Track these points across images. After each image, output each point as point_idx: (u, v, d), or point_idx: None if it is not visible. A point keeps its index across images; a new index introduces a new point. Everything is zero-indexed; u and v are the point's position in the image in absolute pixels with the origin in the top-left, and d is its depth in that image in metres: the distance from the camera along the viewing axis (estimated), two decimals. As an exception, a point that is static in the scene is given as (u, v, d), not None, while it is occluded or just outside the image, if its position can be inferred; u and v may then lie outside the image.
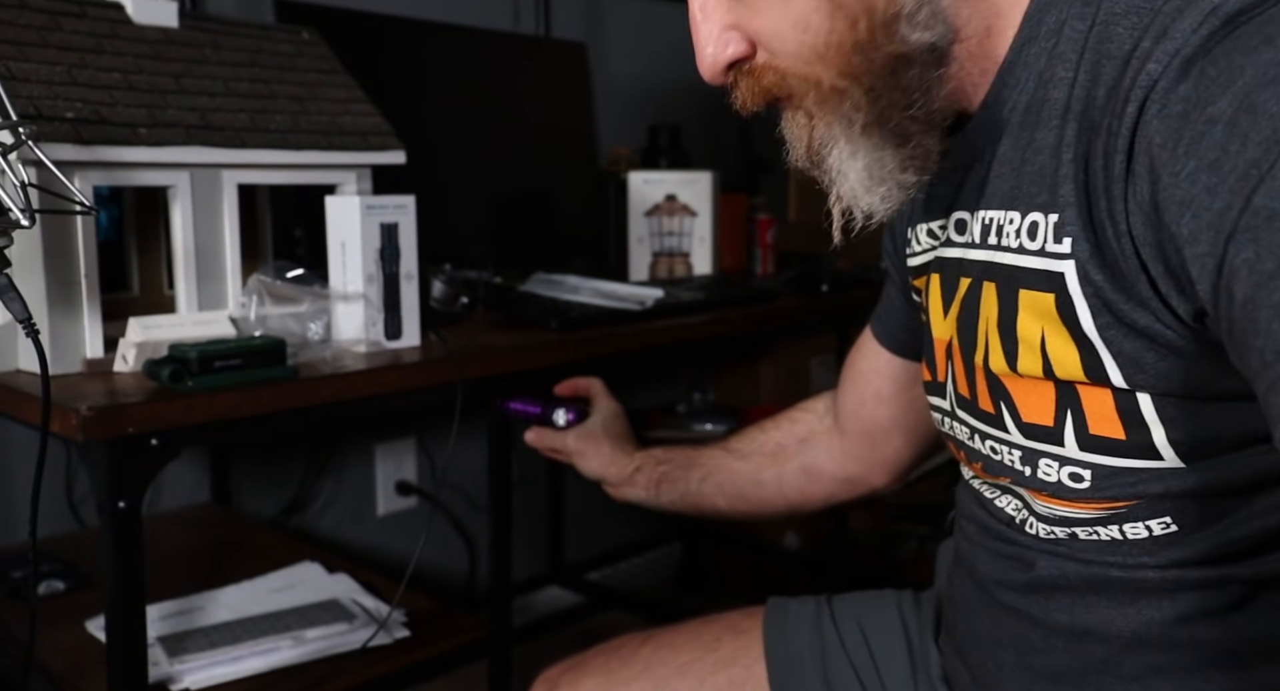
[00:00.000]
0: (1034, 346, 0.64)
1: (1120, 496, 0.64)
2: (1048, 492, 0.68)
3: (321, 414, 1.11)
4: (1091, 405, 0.63)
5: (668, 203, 1.82)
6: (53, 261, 1.01)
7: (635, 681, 0.94)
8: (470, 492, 2.07)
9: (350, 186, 1.26)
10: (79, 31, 1.12)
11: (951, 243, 0.74)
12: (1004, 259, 0.66)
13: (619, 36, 2.40)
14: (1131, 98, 0.55)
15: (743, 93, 0.70)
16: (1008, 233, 0.66)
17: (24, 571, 1.33)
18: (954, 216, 0.74)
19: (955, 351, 0.74)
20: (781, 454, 1.09)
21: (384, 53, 1.72)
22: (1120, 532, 0.66)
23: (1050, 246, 0.62)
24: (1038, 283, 0.63)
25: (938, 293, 0.77)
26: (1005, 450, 0.70)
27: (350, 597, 1.32)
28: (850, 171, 0.66)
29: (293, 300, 1.16)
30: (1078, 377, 0.62)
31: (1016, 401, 0.67)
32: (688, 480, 1.12)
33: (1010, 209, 0.66)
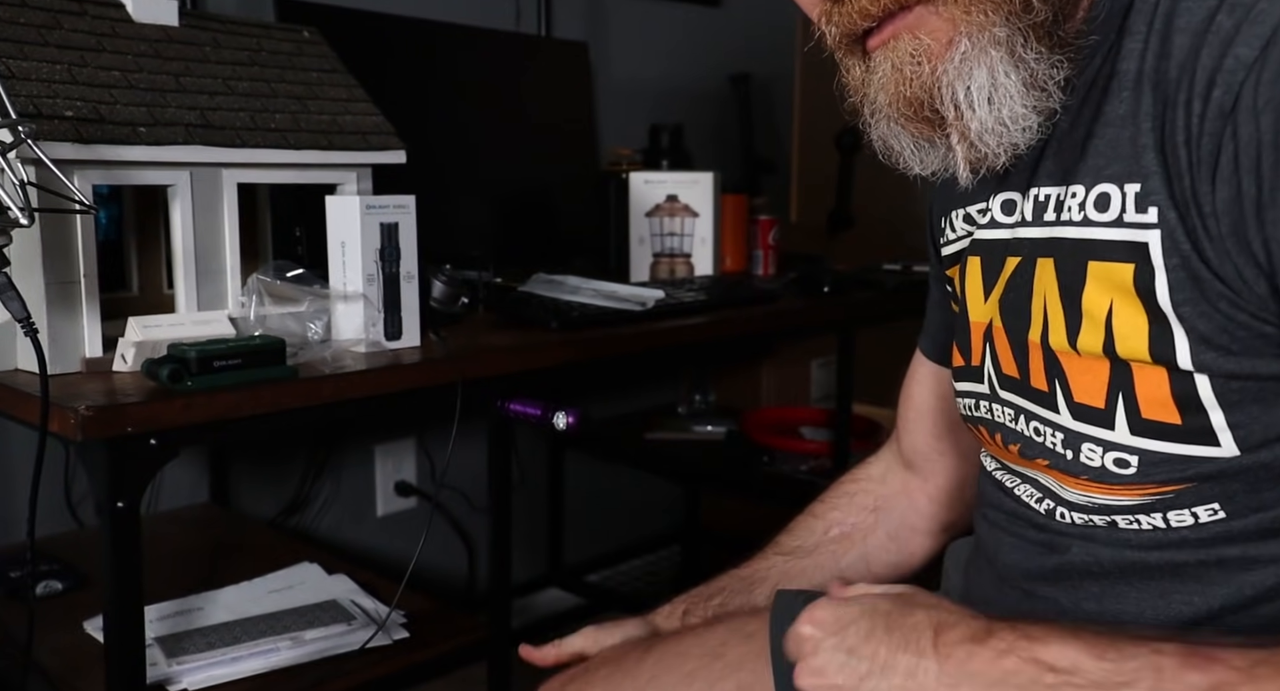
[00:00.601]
0: (1098, 321, 0.63)
1: (1168, 481, 0.63)
2: (1089, 477, 0.66)
3: (321, 414, 1.10)
4: (1145, 388, 0.62)
5: (669, 203, 1.82)
6: (52, 260, 1.01)
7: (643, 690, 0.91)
8: (470, 493, 2.06)
9: (350, 186, 1.25)
10: (79, 30, 1.12)
11: (996, 224, 0.73)
12: (1068, 233, 0.65)
13: (621, 36, 2.39)
14: (1218, 81, 0.55)
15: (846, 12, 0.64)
16: (1069, 206, 0.65)
17: (22, 571, 1.33)
18: (999, 198, 0.73)
19: (998, 332, 0.72)
20: (855, 534, 0.98)
21: (385, 52, 1.72)
22: (1164, 520, 0.64)
23: (1131, 216, 0.61)
24: (1113, 253, 0.61)
25: (977, 276, 0.76)
26: (1049, 432, 0.68)
27: (349, 598, 1.32)
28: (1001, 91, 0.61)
29: (292, 300, 1.15)
30: (1139, 355, 0.61)
31: (1070, 380, 0.66)
32: (753, 601, 0.97)
33: (1073, 183, 0.65)
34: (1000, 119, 0.62)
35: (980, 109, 0.62)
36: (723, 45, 2.63)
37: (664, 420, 2.28)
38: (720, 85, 2.54)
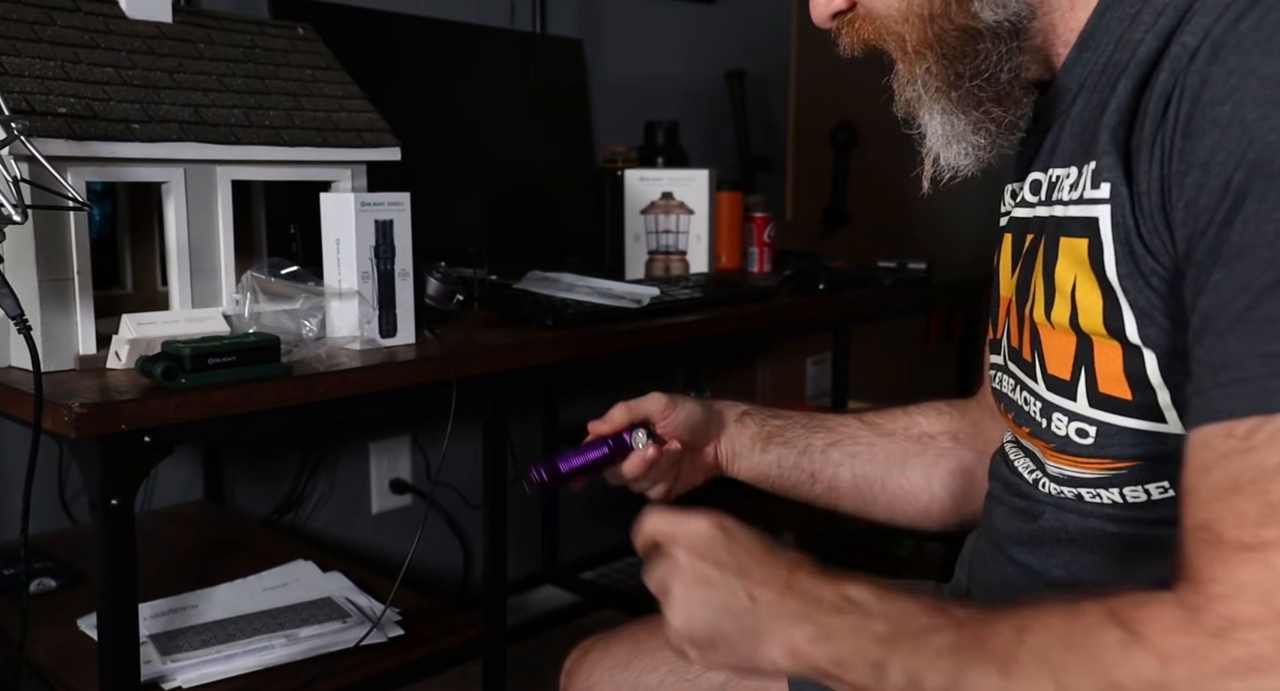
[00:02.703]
0: (1066, 294, 0.68)
1: (1122, 456, 0.68)
2: (1055, 446, 0.72)
3: (316, 411, 1.10)
4: (1103, 363, 0.67)
5: (664, 200, 1.82)
6: (45, 257, 1.00)
7: (660, 650, 0.96)
8: (465, 491, 2.06)
9: (345, 183, 1.25)
10: (72, 26, 1.12)
11: (1026, 202, 0.79)
12: (1057, 211, 0.71)
13: (615, 34, 2.39)
14: (1164, 66, 0.60)
15: (846, 39, 0.77)
16: (1063, 186, 0.71)
17: (15, 569, 1.33)
18: (1030, 177, 0.78)
19: (1013, 307, 0.78)
20: (932, 446, 0.99)
21: (379, 49, 1.71)
22: (1121, 496, 0.69)
23: (1088, 193, 0.66)
24: (1076, 229, 0.67)
25: (1008, 252, 0.82)
26: (1032, 401, 0.74)
27: (344, 596, 1.32)
28: (929, 127, 0.73)
29: (287, 297, 1.15)
30: (1097, 329, 0.66)
31: (1046, 352, 0.72)
32: (809, 441, 0.99)
33: (1070, 165, 0.71)
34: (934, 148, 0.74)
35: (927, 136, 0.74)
36: (718, 42, 2.63)
37: (659, 417, 2.27)
38: (715, 82, 2.54)
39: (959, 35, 0.69)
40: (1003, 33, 0.70)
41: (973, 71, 0.71)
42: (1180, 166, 0.58)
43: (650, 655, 0.98)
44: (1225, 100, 0.55)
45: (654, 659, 0.97)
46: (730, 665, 0.68)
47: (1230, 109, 0.55)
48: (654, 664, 0.97)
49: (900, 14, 0.71)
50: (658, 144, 2.17)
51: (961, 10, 0.69)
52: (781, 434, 0.99)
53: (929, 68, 0.71)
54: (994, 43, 0.70)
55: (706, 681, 0.95)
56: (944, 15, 0.69)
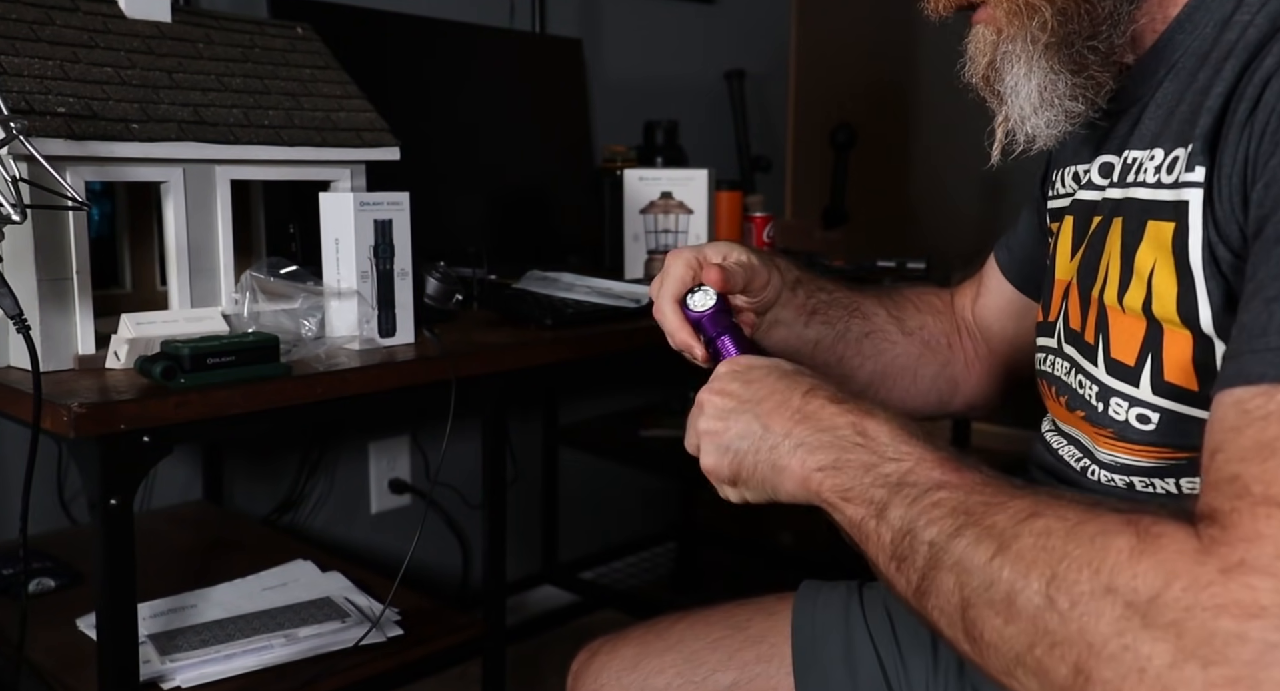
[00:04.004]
0: (1143, 278, 0.68)
1: (1183, 446, 0.68)
2: (1114, 432, 0.72)
3: (315, 411, 1.10)
4: (1172, 351, 0.67)
5: (663, 200, 1.82)
6: (44, 257, 1.00)
7: (668, 652, 0.98)
8: (464, 491, 2.06)
9: (344, 183, 1.25)
10: (71, 26, 1.11)
11: (1093, 185, 0.79)
12: (1139, 194, 0.71)
13: (615, 33, 2.39)
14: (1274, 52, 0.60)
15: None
16: (1146, 168, 0.70)
17: (14, 568, 1.33)
18: (1099, 161, 0.78)
19: (1073, 290, 0.79)
20: (938, 349, 1.03)
21: (378, 48, 1.71)
22: (1176, 486, 0.69)
23: (1183, 176, 0.66)
24: (1165, 212, 0.67)
25: (1069, 235, 0.82)
26: (1089, 384, 0.75)
27: (343, 596, 1.32)
28: (1023, 89, 0.71)
29: (286, 297, 1.15)
30: (1170, 316, 0.66)
31: (1112, 336, 0.72)
32: (848, 326, 0.99)
33: (1155, 147, 0.70)
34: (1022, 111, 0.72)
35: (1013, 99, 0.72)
36: (717, 42, 2.63)
37: (658, 417, 2.28)
38: (714, 82, 2.54)
39: None
40: None
41: (1089, 32, 0.69)
42: (1269, 147, 0.58)
43: (658, 657, 0.99)
44: None
45: (661, 661, 0.98)
46: (765, 499, 0.71)
47: None
48: (661, 666, 0.98)
49: None
50: (657, 144, 2.17)
51: None
52: (825, 311, 0.98)
53: (1044, 22, 0.69)
54: (1115, 3, 0.69)
55: (714, 682, 0.95)
56: None
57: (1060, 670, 0.51)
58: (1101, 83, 0.72)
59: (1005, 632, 0.53)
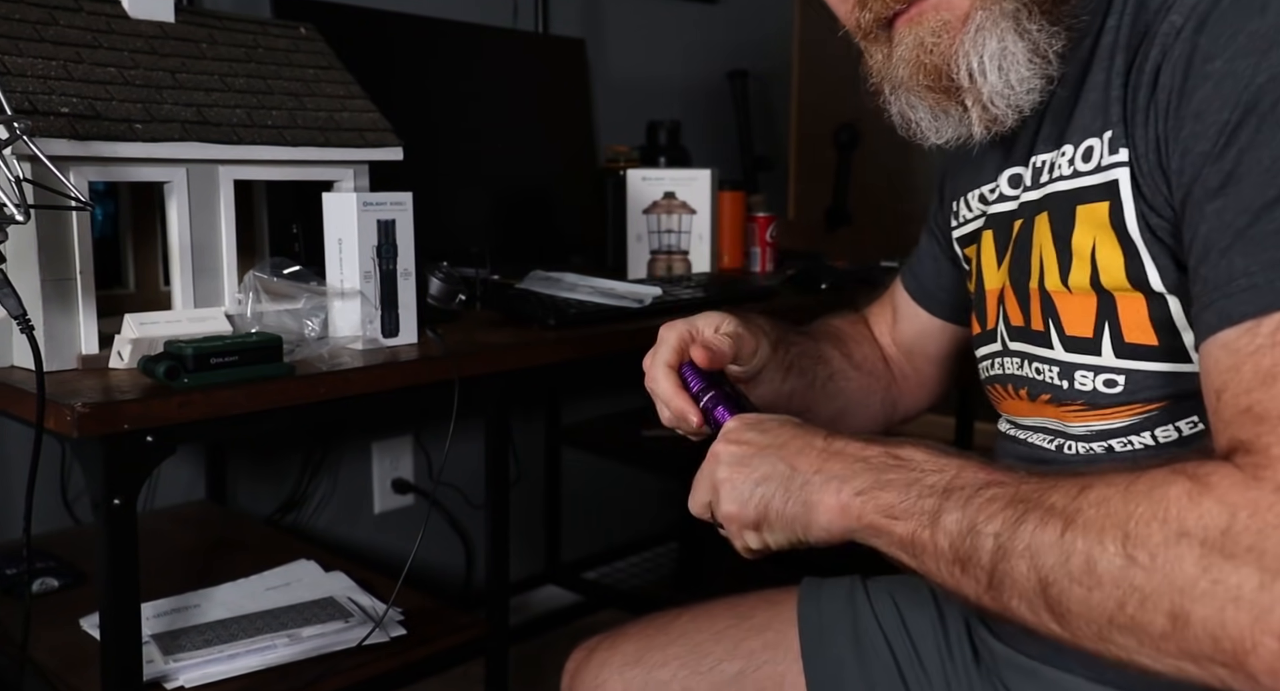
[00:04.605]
0: (1085, 257, 0.73)
1: (1152, 399, 0.72)
2: (1083, 401, 0.76)
3: (318, 411, 1.10)
4: (1128, 315, 0.71)
5: (666, 200, 1.82)
6: (47, 257, 1.01)
7: (671, 646, 0.99)
8: (467, 491, 2.06)
9: (347, 183, 1.25)
10: (74, 26, 1.12)
11: (1004, 197, 0.84)
12: (1060, 187, 0.75)
13: (618, 33, 2.39)
14: (1156, 42, 0.66)
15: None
16: (1059, 165, 0.75)
17: (18, 568, 1.33)
18: (1007, 173, 0.83)
19: (1007, 292, 0.83)
20: (879, 375, 1.07)
21: (382, 48, 1.71)
22: (1153, 437, 0.73)
23: (1106, 159, 0.71)
24: (1095, 195, 0.72)
25: (991, 248, 0.86)
26: (1047, 368, 0.78)
27: (346, 596, 1.32)
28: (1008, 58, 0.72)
29: (289, 297, 1.15)
30: (1120, 284, 0.71)
31: (1062, 316, 0.76)
32: (815, 373, 1.01)
33: (1064, 144, 0.75)
34: (1009, 82, 0.72)
35: (991, 74, 0.72)
36: (720, 42, 2.63)
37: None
38: (718, 82, 2.53)
39: None
40: None
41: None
42: (1175, 123, 0.63)
43: (661, 650, 0.99)
44: (1217, 57, 0.61)
45: (665, 654, 0.99)
46: (791, 541, 0.72)
47: (1222, 63, 0.60)
48: (665, 658, 0.98)
49: None
50: (660, 144, 2.17)
51: None
52: (799, 363, 0.99)
53: None
54: None
55: (720, 673, 0.96)
56: None
57: (1157, 620, 0.53)
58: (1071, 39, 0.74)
59: (1091, 600, 0.55)
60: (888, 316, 1.11)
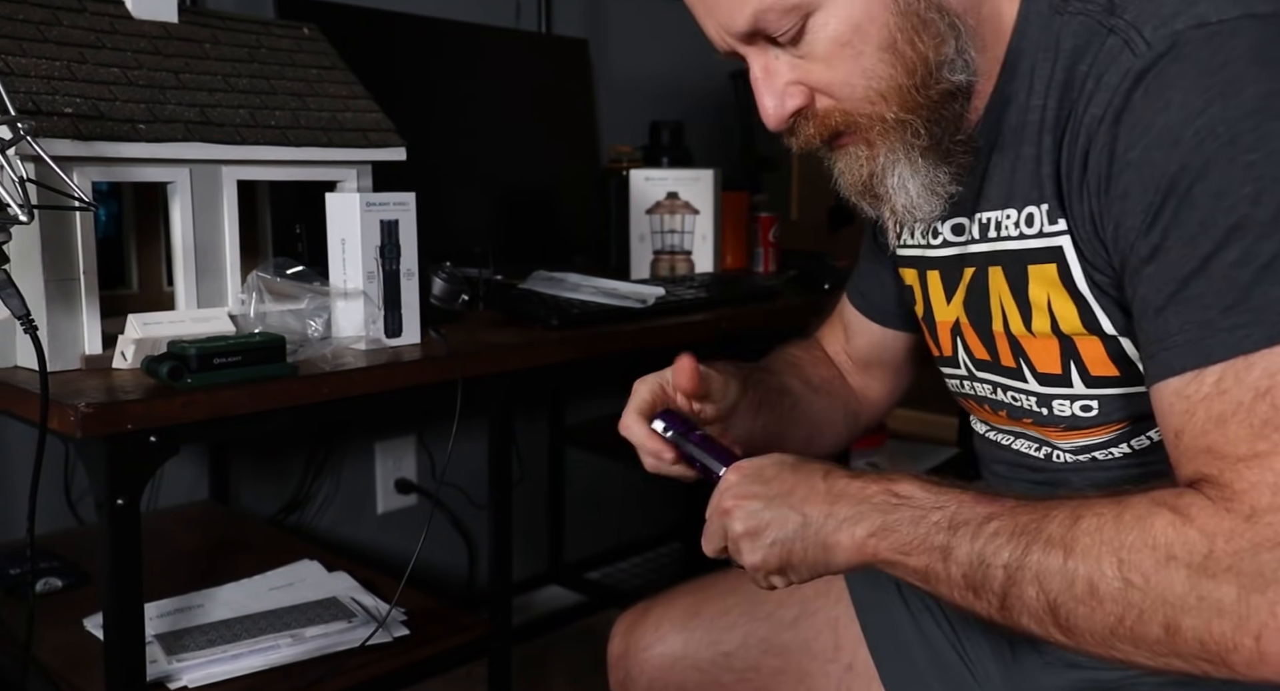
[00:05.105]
0: (1043, 308, 0.82)
1: (1123, 418, 0.82)
2: (1064, 426, 0.85)
3: (321, 411, 1.10)
4: (1089, 353, 0.81)
5: (669, 200, 1.82)
6: (51, 257, 1.01)
7: (728, 597, 1.06)
8: (470, 491, 2.06)
9: (350, 183, 1.25)
10: (78, 26, 1.12)
11: (948, 243, 0.92)
12: (1008, 246, 0.84)
13: (621, 33, 2.39)
14: (1081, 132, 0.75)
15: (805, 134, 0.84)
16: (1006, 226, 0.84)
17: (21, 568, 1.33)
18: (949, 223, 0.90)
19: (965, 327, 0.91)
20: (838, 393, 1.12)
21: (385, 49, 1.71)
22: (1129, 447, 0.83)
23: (1048, 228, 0.80)
24: (1043, 257, 0.81)
25: (939, 285, 0.94)
26: (1024, 397, 0.87)
27: (349, 596, 1.32)
28: (912, 188, 0.82)
29: (292, 297, 1.15)
30: (1077, 330, 0.80)
31: (1031, 357, 0.85)
32: (781, 403, 1.05)
33: (1006, 207, 0.84)
34: (910, 204, 0.82)
35: (899, 195, 0.82)
36: (723, 42, 2.63)
37: (664, 417, 2.27)
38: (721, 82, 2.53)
39: (938, 98, 0.79)
40: (963, 92, 0.80)
41: (952, 129, 0.81)
42: (1106, 202, 0.73)
43: (719, 600, 1.06)
44: (1134, 147, 0.70)
45: (723, 604, 1.05)
46: (815, 576, 0.79)
47: (1140, 153, 0.70)
48: (724, 608, 1.05)
49: (878, 94, 0.78)
50: (663, 144, 2.17)
51: (936, 79, 0.78)
52: (766, 397, 1.03)
53: (916, 131, 0.79)
54: (960, 101, 0.80)
55: (778, 618, 1.03)
56: (924, 85, 0.78)
57: (1152, 631, 0.63)
58: (965, 164, 0.83)
59: (1095, 617, 0.65)
60: (839, 336, 1.16)
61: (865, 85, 0.79)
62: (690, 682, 1.05)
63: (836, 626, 1.03)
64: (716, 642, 1.04)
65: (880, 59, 0.78)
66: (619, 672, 1.09)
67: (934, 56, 0.78)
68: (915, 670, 1.00)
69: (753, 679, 1.03)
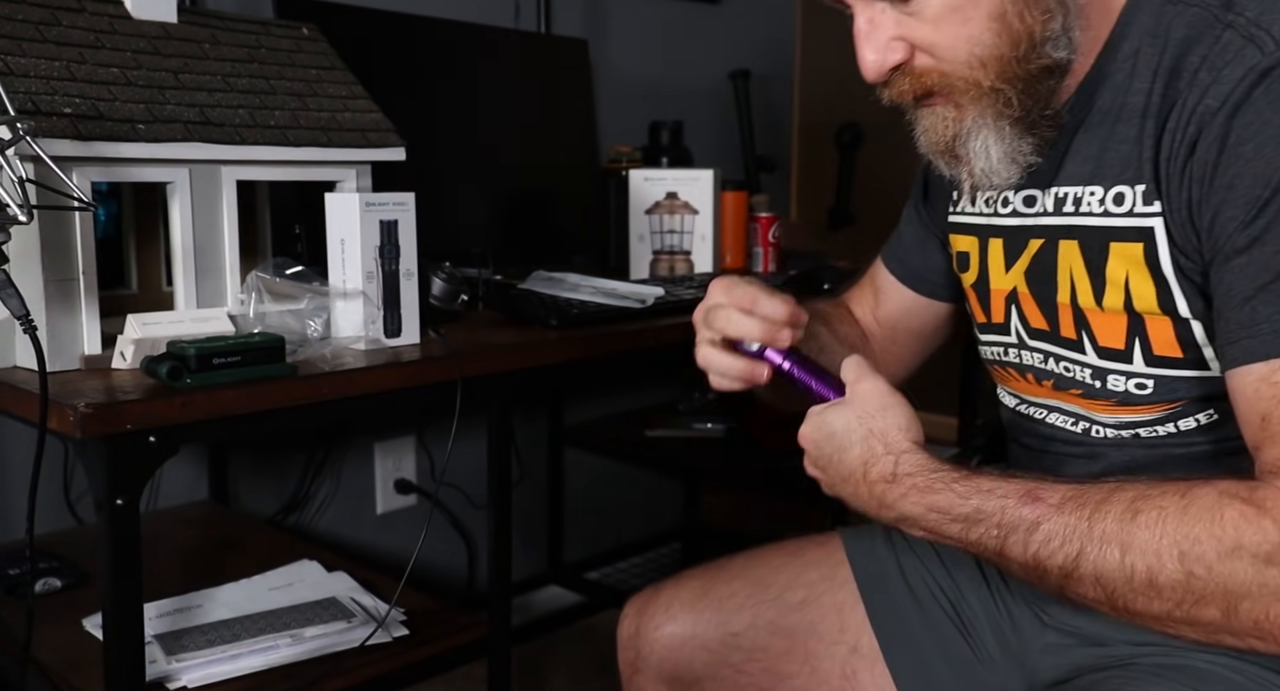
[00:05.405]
0: (1119, 284, 0.84)
1: (1177, 398, 0.84)
2: (1115, 400, 0.87)
3: (320, 412, 1.10)
4: (1156, 333, 0.83)
5: (669, 200, 1.82)
6: (50, 258, 1.01)
7: (735, 580, 1.09)
8: (470, 491, 2.06)
9: (350, 183, 1.25)
10: (77, 26, 1.12)
11: (1018, 213, 0.93)
12: (1089, 221, 0.86)
13: (620, 34, 2.39)
14: (1193, 121, 0.77)
15: (899, 89, 0.86)
16: (1089, 202, 0.86)
17: (21, 569, 1.33)
18: (1021, 194, 0.92)
19: (1023, 296, 0.93)
20: (859, 349, 1.13)
21: (384, 49, 1.71)
22: (1175, 427, 0.86)
23: (1140, 208, 0.82)
24: (1129, 236, 0.83)
25: (999, 253, 0.95)
26: (1078, 369, 0.89)
27: (349, 596, 1.32)
28: (994, 154, 0.84)
29: (292, 297, 1.15)
30: (1151, 309, 0.82)
31: (1095, 331, 0.87)
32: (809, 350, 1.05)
33: (1091, 184, 0.85)
34: (990, 169, 0.85)
35: (979, 159, 0.85)
36: (722, 42, 2.63)
37: (664, 417, 2.28)
38: (720, 82, 2.53)
39: (1036, 73, 0.81)
40: (1060, 69, 0.82)
41: (1043, 104, 0.83)
42: (1208, 190, 0.75)
43: (727, 584, 1.09)
44: (1248, 141, 0.73)
45: (730, 587, 1.08)
46: None
47: (1253, 148, 0.72)
48: (731, 591, 1.08)
49: (979, 60, 0.81)
50: (662, 144, 2.17)
51: (1039, 53, 0.81)
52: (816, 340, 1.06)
53: (1009, 101, 0.82)
54: (1056, 78, 0.83)
55: (785, 602, 1.06)
56: (1026, 58, 0.80)
57: (1209, 614, 0.67)
58: (1048, 138, 0.86)
59: (1153, 605, 0.68)
60: (869, 299, 1.18)
61: (968, 51, 0.81)
62: (699, 662, 1.07)
63: (842, 609, 1.05)
64: (725, 623, 1.06)
65: (987, 28, 0.80)
66: (629, 652, 1.11)
67: (1040, 31, 0.80)
68: (919, 652, 1.02)
69: (760, 659, 1.05)
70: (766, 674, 1.05)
